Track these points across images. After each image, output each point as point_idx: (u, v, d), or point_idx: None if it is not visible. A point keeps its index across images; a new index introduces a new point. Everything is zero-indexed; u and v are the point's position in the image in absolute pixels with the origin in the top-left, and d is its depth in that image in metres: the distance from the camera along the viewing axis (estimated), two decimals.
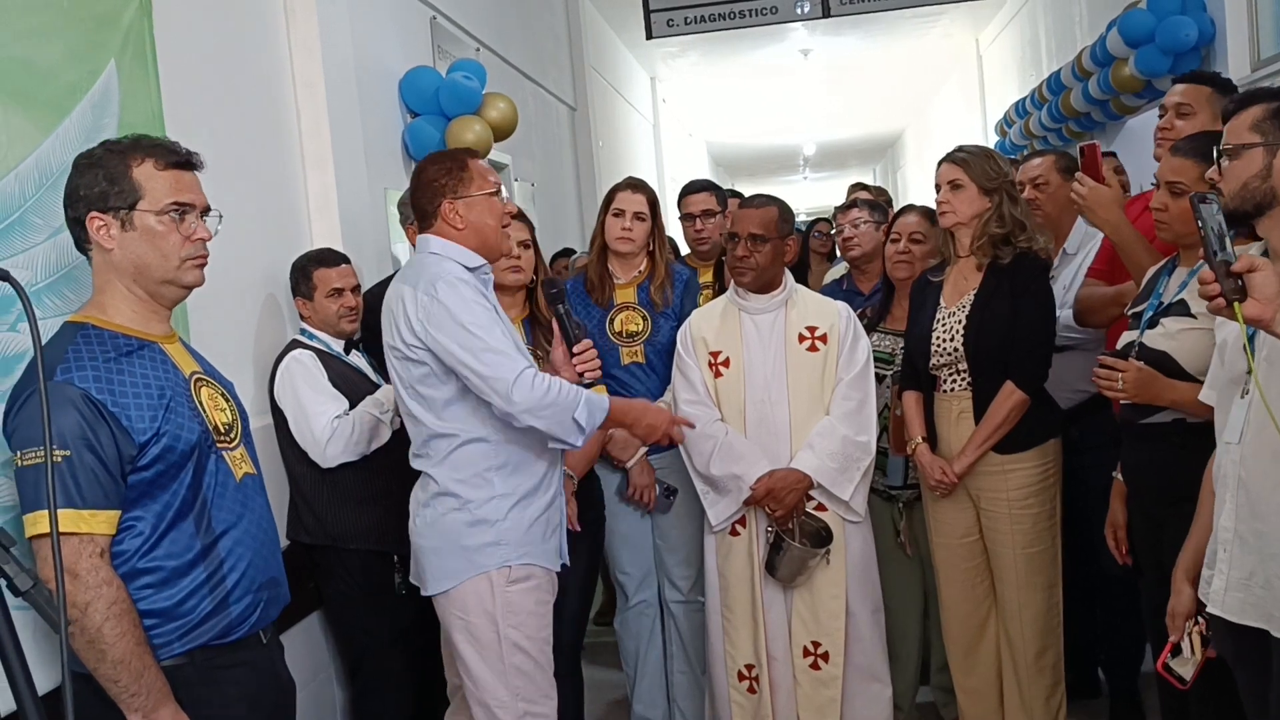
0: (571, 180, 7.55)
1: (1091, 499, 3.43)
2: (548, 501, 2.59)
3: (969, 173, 3.06)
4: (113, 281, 1.90)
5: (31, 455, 1.76)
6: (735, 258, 3.11)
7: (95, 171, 1.86)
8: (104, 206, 1.85)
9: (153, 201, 1.87)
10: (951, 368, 3.13)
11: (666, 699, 3.57)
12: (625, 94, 10.23)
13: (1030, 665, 3.15)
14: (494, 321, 2.45)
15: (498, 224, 2.60)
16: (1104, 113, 6.36)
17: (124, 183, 1.86)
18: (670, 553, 3.48)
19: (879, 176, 22.29)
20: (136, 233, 1.87)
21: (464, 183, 2.58)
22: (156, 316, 1.95)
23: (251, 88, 3.20)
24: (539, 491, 2.57)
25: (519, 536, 2.53)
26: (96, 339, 1.85)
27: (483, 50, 5.48)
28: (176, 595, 1.87)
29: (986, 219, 3.06)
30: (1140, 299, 2.69)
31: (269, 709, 2.04)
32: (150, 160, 1.88)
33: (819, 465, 3.02)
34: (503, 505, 2.52)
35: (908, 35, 10.67)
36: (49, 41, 2.24)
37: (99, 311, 1.90)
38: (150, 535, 1.85)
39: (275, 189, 3.28)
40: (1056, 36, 7.96)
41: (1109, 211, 2.89)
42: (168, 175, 1.89)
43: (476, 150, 2.78)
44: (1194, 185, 2.43)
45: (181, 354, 1.99)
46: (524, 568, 2.53)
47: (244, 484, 2.00)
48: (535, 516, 2.56)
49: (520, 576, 2.53)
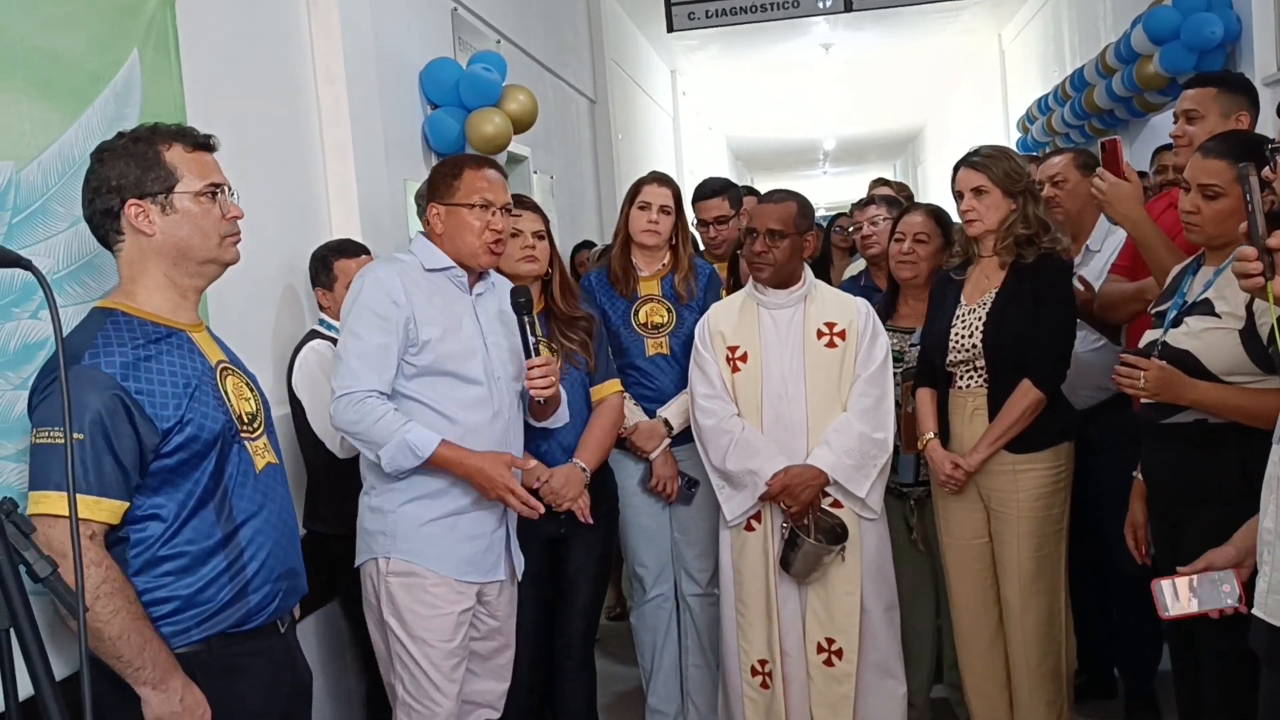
0: (590, 173, 7.55)
1: (1108, 499, 3.42)
2: (455, 509, 2.58)
3: (992, 177, 3.04)
4: (148, 269, 1.91)
5: (45, 435, 1.77)
6: (753, 253, 3.10)
7: (125, 160, 1.87)
8: (141, 193, 1.87)
9: (190, 183, 1.90)
10: (969, 365, 3.11)
11: (681, 693, 3.58)
12: (645, 87, 10.21)
13: (1033, 670, 3.12)
14: (377, 329, 2.50)
15: (476, 239, 2.61)
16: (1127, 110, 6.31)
17: (159, 169, 1.88)
18: (688, 546, 3.48)
19: (899, 172, 22.20)
20: (178, 215, 1.89)
21: (451, 191, 2.63)
22: (185, 304, 1.96)
23: (272, 78, 3.21)
24: (443, 497, 2.57)
25: (405, 532, 2.56)
26: (126, 325, 1.86)
27: (503, 42, 5.48)
28: (197, 583, 1.88)
29: (1012, 221, 3.04)
30: (1164, 298, 2.66)
31: (285, 698, 2.05)
32: (178, 144, 1.91)
33: (835, 462, 3.01)
34: (395, 498, 2.57)
35: (929, 30, 10.61)
36: (72, 31, 2.25)
37: (128, 299, 1.91)
38: (172, 522, 1.86)
39: (295, 179, 3.29)
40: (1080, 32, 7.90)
41: (1129, 207, 2.87)
42: (196, 157, 1.92)
43: (490, 160, 2.76)
44: (1229, 187, 2.40)
45: (208, 343, 2.00)
46: (405, 563, 2.56)
47: (266, 474, 2.01)
48: (432, 518, 2.57)
49: (400, 570, 2.56)
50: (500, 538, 2.68)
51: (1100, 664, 3.68)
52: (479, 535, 2.63)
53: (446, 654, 2.57)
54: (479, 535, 2.63)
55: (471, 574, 2.61)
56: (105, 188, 1.87)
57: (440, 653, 2.57)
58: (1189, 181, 2.53)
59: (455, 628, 2.59)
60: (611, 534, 3.30)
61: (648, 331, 3.42)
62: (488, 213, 2.61)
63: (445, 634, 2.57)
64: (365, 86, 3.58)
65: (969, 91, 13.46)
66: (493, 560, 2.66)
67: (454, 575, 2.58)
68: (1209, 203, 2.47)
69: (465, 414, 2.59)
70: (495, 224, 2.62)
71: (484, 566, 2.64)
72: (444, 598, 2.57)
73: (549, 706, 3.28)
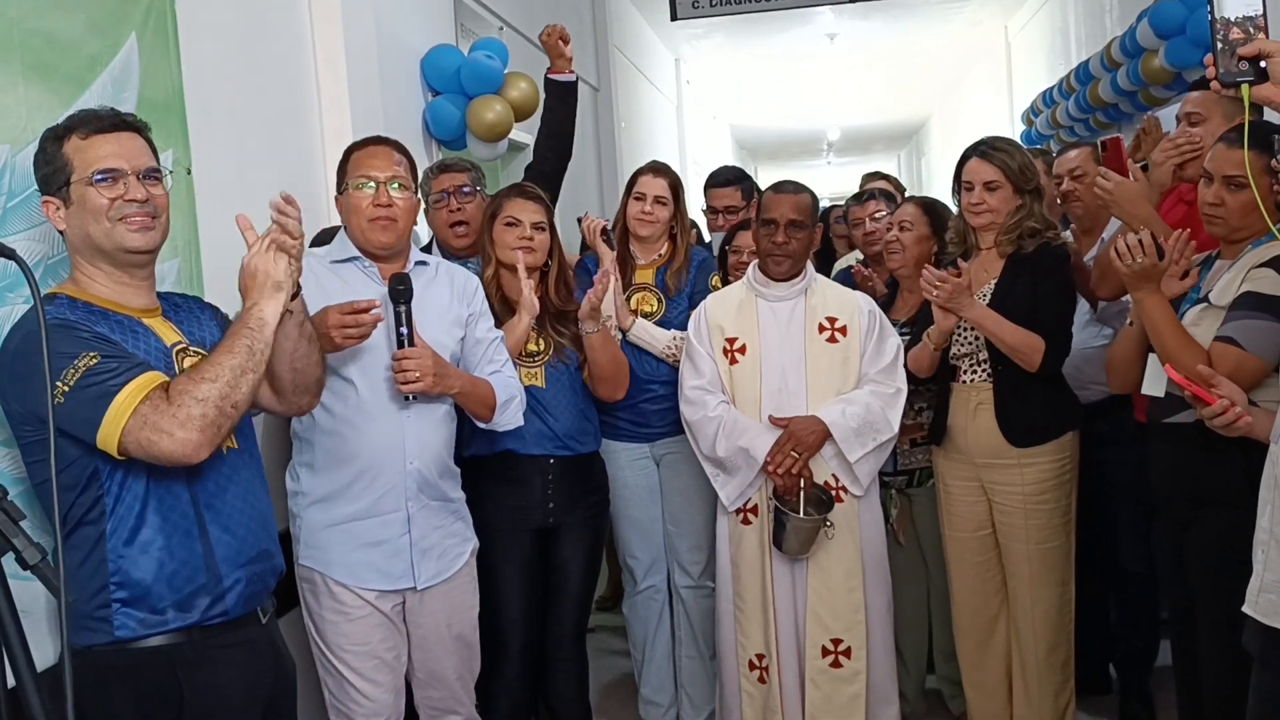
0: (593, 161, 7.52)
1: (1113, 493, 3.42)
2: (350, 512, 2.51)
3: (1006, 173, 3.04)
4: (77, 260, 1.92)
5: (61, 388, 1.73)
6: (773, 244, 3.06)
7: (39, 158, 1.88)
8: (48, 189, 1.88)
9: (80, 172, 1.86)
10: (972, 358, 3.11)
11: (674, 684, 3.58)
12: (649, 75, 10.17)
13: (1040, 662, 3.13)
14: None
15: (361, 219, 2.53)
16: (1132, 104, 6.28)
17: (57, 161, 1.86)
18: (681, 538, 3.47)
19: (903, 163, 22.16)
20: (74, 207, 1.87)
21: (342, 177, 2.59)
22: (132, 290, 1.94)
23: (272, 62, 3.19)
24: (343, 499, 2.51)
25: (308, 537, 2.54)
26: (69, 306, 1.86)
27: (506, 29, 5.45)
28: (165, 569, 1.87)
29: (1020, 216, 3.04)
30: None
31: (268, 688, 2.04)
32: (76, 133, 1.87)
33: (838, 420, 2.97)
34: (301, 501, 2.56)
35: (935, 21, 10.57)
36: (70, 14, 2.24)
37: (74, 285, 1.92)
38: (135, 506, 1.85)
39: (294, 166, 3.27)
40: (1087, 25, 7.87)
41: (1136, 206, 2.84)
42: (93, 142, 1.87)
43: (381, 137, 2.64)
44: (1258, 177, 2.38)
45: (164, 326, 1.98)
46: (307, 570, 2.55)
47: (227, 458, 1.98)
48: (332, 523, 2.51)
49: (304, 575, 2.56)
50: (405, 544, 2.56)
51: (1096, 659, 3.68)
52: (382, 542, 2.53)
53: (363, 658, 2.54)
54: (382, 542, 2.53)
55: (375, 581, 2.53)
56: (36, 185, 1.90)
57: (357, 657, 2.53)
58: (1212, 173, 2.50)
59: (368, 633, 2.54)
60: (601, 526, 3.29)
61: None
62: (370, 188, 2.52)
63: (357, 638, 2.53)
64: (366, 73, 3.56)
65: (974, 83, 13.42)
66: (401, 568, 2.55)
67: (356, 583, 2.52)
68: (1234, 194, 2.45)
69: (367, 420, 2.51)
70: (380, 198, 2.51)
71: (391, 574, 2.55)
72: (349, 603, 2.53)
73: (540, 697, 3.28)
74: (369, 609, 2.54)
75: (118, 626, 1.84)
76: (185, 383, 1.77)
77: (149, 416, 1.73)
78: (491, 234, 3.05)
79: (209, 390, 1.76)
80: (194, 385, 1.76)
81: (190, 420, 1.74)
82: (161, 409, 1.74)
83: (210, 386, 1.76)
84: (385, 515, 2.53)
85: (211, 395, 1.76)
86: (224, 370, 1.79)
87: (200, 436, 1.74)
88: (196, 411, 1.74)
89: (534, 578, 3.08)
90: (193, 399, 1.75)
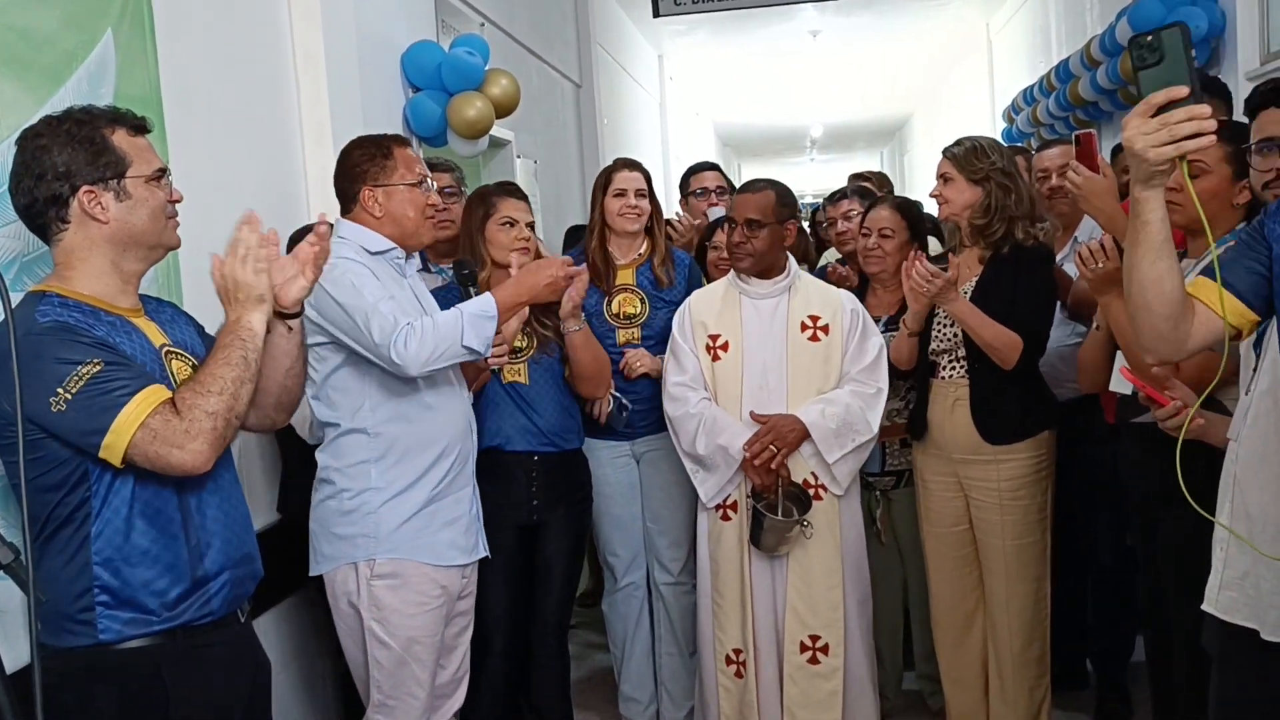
0: (575, 158, 7.51)
1: (1090, 491, 3.44)
2: (428, 496, 2.57)
3: (955, 165, 3.09)
4: (91, 257, 1.87)
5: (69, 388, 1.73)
6: (733, 243, 3.10)
7: (72, 146, 1.82)
8: (94, 179, 1.83)
9: (140, 168, 1.86)
10: (951, 354, 3.14)
11: (654, 680, 3.59)
12: (631, 71, 10.16)
13: (1016, 657, 3.16)
14: (368, 284, 2.47)
15: (419, 215, 2.61)
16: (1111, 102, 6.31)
17: (109, 153, 1.84)
18: (660, 535, 3.48)
19: (886, 160, 22.20)
20: (131, 201, 1.86)
21: (386, 171, 2.59)
22: (126, 291, 1.93)
23: (251, 59, 3.17)
24: (419, 485, 2.56)
25: (388, 532, 2.53)
26: (60, 304, 1.83)
27: (487, 25, 5.44)
28: (150, 572, 1.86)
29: (989, 206, 3.07)
30: None
31: (246, 688, 2.04)
32: (121, 128, 1.87)
33: (817, 420, 2.99)
34: (375, 499, 2.53)
35: (918, 17, 10.59)
36: (45, 9, 2.22)
37: (63, 283, 1.87)
38: (122, 509, 1.84)
39: (273, 161, 3.26)
40: (1067, 24, 7.90)
41: (1105, 202, 2.86)
42: (141, 141, 1.89)
43: (404, 139, 2.73)
44: (1215, 166, 2.41)
45: (150, 327, 1.97)
46: (390, 563, 2.53)
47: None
48: (413, 512, 2.54)
49: (385, 573, 2.53)
50: (476, 515, 2.70)
51: (1072, 654, 3.70)
52: (457, 518, 2.63)
53: (430, 648, 2.58)
54: (457, 518, 2.63)
55: (457, 557, 2.62)
56: (51, 174, 1.81)
57: (425, 648, 2.57)
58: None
59: (438, 622, 2.59)
60: (584, 523, 3.30)
61: (619, 321, 3.42)
62: (423, 188, 2.61)
63: (430, 629, 2.58)
64: (345, 68, 3.55)
65: (957, 80, 13.45)
66: (472, 541, 2.68)
67: (442, 563, 2.58)
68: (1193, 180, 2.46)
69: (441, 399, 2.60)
70: (433, 199, 2.65)
71: (466, 547, 2.65)
72: (428, 592, 2.57)
73: (522, 694, 3.29)
74: (443, 597, 2.60)
75: (101, 629, 1.83)
76: (192, 396, 1.79)
77: (160, 431, 1.75)
78: (484, 234, 3.05)
79: (217, 404, 1.79)
80: (202, 399, 1.79)
81: (201, 433, 1.77)
82: (172, 423, 1.76)
83: (218, 400, 1.79)
84: (459, 492, 2.64)
85: (220, 408, 1.79)
86: (227, 382, 1.81)
87: (210, 449, 1.78)
88: (207, 425, 1.77)
89: (518, 575, 3.08)
90: (203, 413, 1.78)
